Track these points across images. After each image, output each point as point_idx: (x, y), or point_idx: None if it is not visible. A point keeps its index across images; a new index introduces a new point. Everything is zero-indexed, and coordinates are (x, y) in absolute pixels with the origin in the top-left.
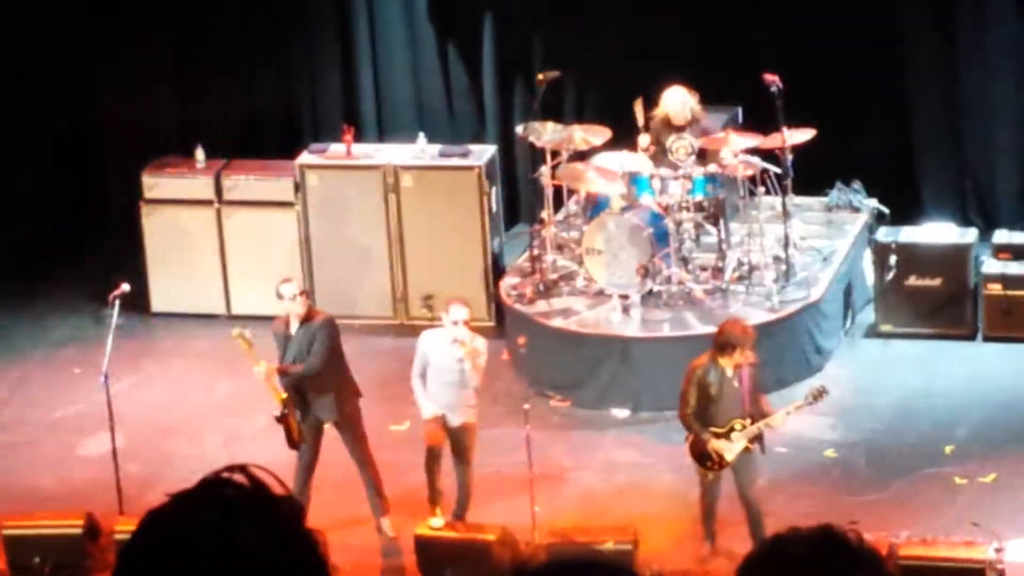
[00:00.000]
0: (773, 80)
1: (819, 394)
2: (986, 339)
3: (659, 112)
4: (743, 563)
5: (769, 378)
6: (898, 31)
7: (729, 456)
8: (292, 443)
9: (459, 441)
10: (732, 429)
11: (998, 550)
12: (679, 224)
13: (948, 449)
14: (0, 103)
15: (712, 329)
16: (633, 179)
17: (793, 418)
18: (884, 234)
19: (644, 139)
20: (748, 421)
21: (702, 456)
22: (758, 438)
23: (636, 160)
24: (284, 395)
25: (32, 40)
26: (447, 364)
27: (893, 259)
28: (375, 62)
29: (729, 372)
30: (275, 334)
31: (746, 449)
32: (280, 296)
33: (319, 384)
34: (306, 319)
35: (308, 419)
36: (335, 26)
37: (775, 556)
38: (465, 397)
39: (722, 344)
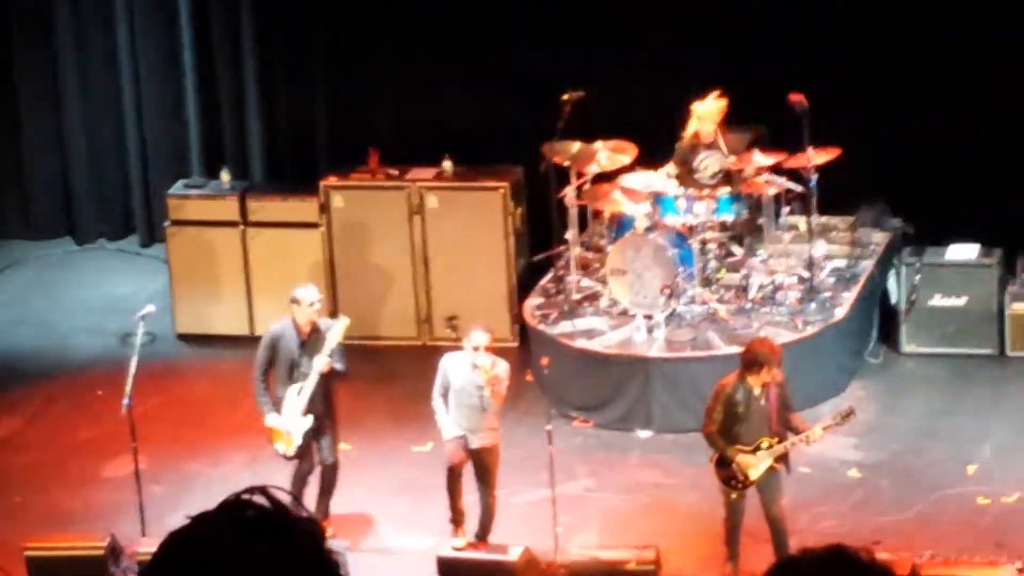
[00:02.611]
0: (799, 100)
1: (848, 414)
2: (1011, 358)
3: (687, 133)
4: None
5: (793, 397)
6: (923, 51)
7: (754, 474)
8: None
9: (480, 464)
10: (759, 447)
11: (1020, 570)
12: (704, 244)
13: (971, 469)
14: (33, 121)
15: (736, 349)
16: (658, 199)
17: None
18: (909, 253)
19: (670, 167)
20: (775, 440)
21: (727, 475)
22: (784, 457)
23: (661, 180)
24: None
25: (63, 60)
26: (467, 388)
27: (918, 278)
28: (399, 82)
29: (757, 391)
30: (282, 337)
31: (771, 468)
32: (297, 301)
33: (331, 384)
34: (315, 325)
35: (310, 424)
36: (359, 46)
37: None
38: (486, 420)
39: (749, 362)
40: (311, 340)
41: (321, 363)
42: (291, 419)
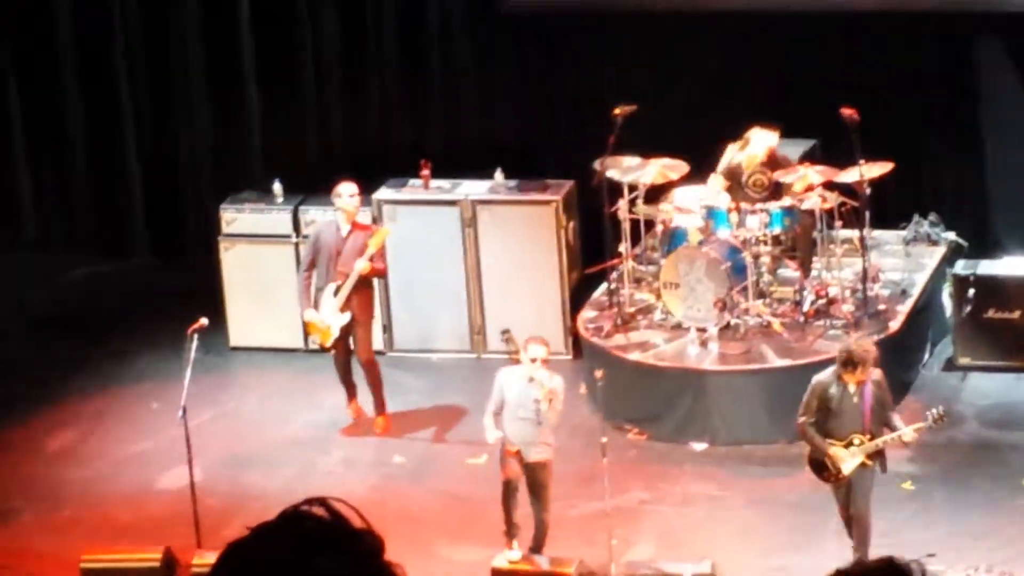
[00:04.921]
0: (850, 114)
1: (940, 417)
2: None
3: (742, 154)
4: None
5: None
6: (975, 64)
7: (846, 469)
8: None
9: (535, 478)
10: (851, 443)
11: None
12: (757, 257)
13: None
14: (85, 139)
15: (789, 362)
16: (711, 213)
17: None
18: (962, 267)
19: (716, 180)
20: (867, 437)
21: (819, 466)
22: (879, 455)
23: (713, 194)
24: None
25: (116, 77)
26: (523, 401)
27: (971, 292)
28: (451, 96)
29: (852, 388)
30: (320, 237)
31: (863, 465)
32: (338, 195)
33: (368, 285)
34: (354, 226)
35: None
36: (411, 60)
37: None
38: (541, 435)
39: (844, 361)
40: (351, 238)
41: (362, 265)
42: (328, 315)
